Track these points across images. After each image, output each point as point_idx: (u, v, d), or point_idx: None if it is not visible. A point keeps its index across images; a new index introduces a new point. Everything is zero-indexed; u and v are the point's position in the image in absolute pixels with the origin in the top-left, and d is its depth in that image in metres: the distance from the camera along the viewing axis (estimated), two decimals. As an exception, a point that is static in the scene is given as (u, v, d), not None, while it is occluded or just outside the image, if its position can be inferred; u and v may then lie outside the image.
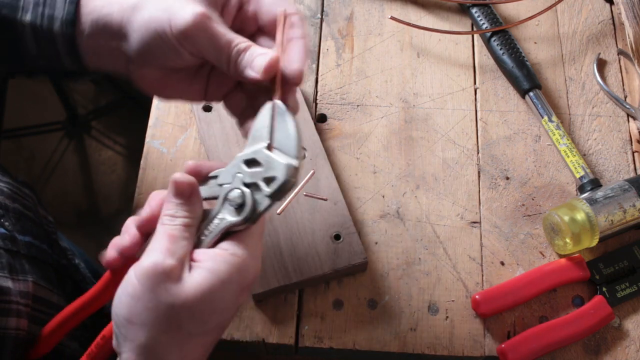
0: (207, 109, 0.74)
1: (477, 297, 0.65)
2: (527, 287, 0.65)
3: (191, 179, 0.49)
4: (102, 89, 1.94)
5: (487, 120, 0.76)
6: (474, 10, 0.81)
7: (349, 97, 0.77)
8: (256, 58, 0.51)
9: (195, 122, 0.74)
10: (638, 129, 0.75)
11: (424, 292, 0.67)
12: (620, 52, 0.80)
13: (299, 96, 0.74)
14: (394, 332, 0.65)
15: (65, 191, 1.81)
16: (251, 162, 0.49)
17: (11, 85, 1.67)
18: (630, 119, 0.76)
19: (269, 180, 0.48)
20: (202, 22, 0.50)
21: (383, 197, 0.71)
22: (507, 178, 0.73)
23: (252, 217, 0.48)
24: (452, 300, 0.66)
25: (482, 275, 0.68)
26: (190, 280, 0.46)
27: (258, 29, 0.55)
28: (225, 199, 0.48)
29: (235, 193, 0.48)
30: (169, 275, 0.45)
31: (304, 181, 0.70)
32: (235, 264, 0.47)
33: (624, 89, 0.78)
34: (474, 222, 0.70)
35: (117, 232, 0.54)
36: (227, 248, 0.48)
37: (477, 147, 0.75)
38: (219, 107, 0.73)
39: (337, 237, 0.67)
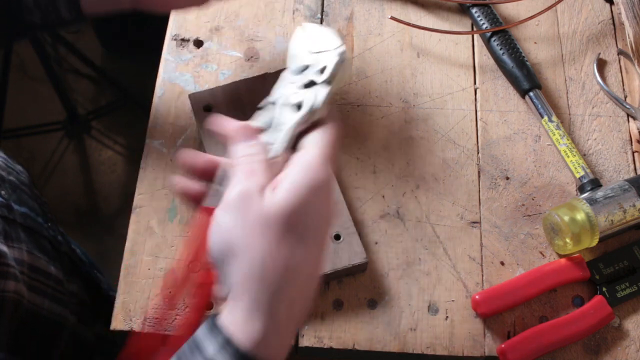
0: (207, 108, 0.74)
1: (477, 297, 0.65)
2: (527, 287, 0.65)
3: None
4: (102, 89, 1.94)
5: (487, 120, 0.76)
6: (474, 10, 0.81)
7: (349, 97, 0.77)
8: None
9: (195, 122, 0.74)
10: (638, 129, 0.75)
11: (424, 292, 0.67)
12: (620, 52, 0.80)
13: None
14: (394, 332, 0.65)
15: (65, 191, 1.81)
16: (300, 71, 0.50)
17: (11, 85, 1.67)
18: (630, 119, 0.76)
19: (322, 71, 0.48)
20: None
21: (383, 197, 0.71)
22: (507, 178, 0.73)
23: (314, 106, 0.48)
24: (452, 300, 0.66)
25: (482, 275, 0.68)
26: (274, 197, 0.45)
27: None
28: (284, 106, 0.49)
29: (292, 96, 0.48)
30: (255, 195, 0.45)
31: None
32: (306, 166, 0.46)
33: (624, 89, 0.78)
34: (474, 222, 0.70)
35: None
36: (297, 156, 0.48)
37: (477, 147, 0.75)
38: (219, 107, 0.73)
39: (337, 237, 0.67)
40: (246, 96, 0.74)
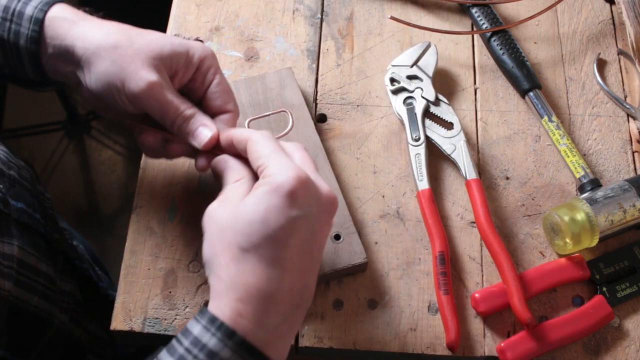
0: (207, 109, 0.74)
1: (476, 295, 0.65)
2: (527, 286, 0.65)
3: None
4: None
5: (487, 120, 0.76)
6: (474, 10, 0.81)
7: (349, 97, 0.77)
8: (199, 130, 0.57)
9: (195, 122, 0.74)
10: (638, 129, 0.75)
11: (424, 292, 0.67)
12: (620, 52, 0.80)
13: (298, 96, 0.74)
14: (394, 332, 0.65)
15: (65, 191, 1.81)
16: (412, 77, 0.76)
17: (11, 85, 1.67)
18: (630, 119, 0.76)
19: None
20: (154, 90, 0.56)
21: (383, 197, 0.71)
22: (507, 178, 0.73)
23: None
24: (452, 300, 0.66)
25: (482, 275, 0.68)
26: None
27: (200, 100, 0.61)
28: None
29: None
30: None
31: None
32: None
33: (624, 89, 0.78)
34: (474, 222, 0.70)
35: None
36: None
37: (477, 147, 0.75)
38: (219, 107, 0.73)
39: (337, 237, 0.67)
40: (246, 96, 0.74)
